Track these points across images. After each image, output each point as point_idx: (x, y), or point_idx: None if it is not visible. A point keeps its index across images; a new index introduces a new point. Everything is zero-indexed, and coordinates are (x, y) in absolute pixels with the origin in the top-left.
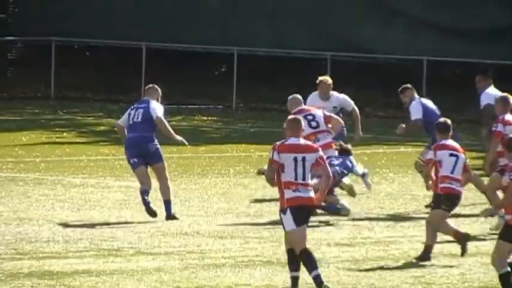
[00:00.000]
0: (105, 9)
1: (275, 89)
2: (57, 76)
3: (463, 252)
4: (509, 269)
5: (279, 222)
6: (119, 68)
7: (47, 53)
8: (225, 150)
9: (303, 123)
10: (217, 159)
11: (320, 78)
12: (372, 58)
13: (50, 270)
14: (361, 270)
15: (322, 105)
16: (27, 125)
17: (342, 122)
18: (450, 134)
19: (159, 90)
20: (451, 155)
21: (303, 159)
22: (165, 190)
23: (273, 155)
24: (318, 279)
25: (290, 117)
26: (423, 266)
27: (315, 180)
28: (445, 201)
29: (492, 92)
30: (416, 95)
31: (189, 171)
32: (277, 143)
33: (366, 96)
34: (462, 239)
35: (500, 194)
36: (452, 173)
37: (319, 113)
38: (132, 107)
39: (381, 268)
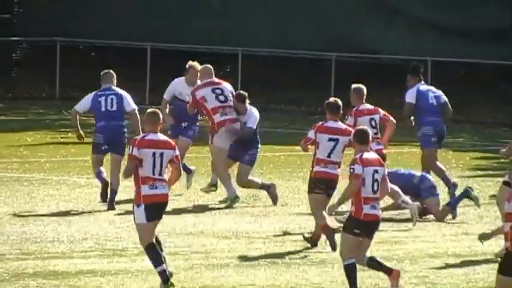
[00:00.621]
0: (109, 10)
1: (279, 90)
2: (62, 76)
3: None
4: None
5: (285, 222)
6: (123, 68)
7: (51, 53)
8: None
9: (212, 96)
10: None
11: (191, 63)
12: (376, 59)
13: (54, 270)
14: (365, 271)
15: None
16: (32, 125)
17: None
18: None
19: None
20: (330, 139)
21: (161, 155)
22: (116, 181)
23: (132, 151)
24: (163, 275)
25: (149, 110)
26: (427, 266)
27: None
28: (318, 185)
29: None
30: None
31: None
32: (137, 138)
33: (370, 96)
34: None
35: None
36: (329, 156)
37: (228, 87)
38: (98, 93)
39: None
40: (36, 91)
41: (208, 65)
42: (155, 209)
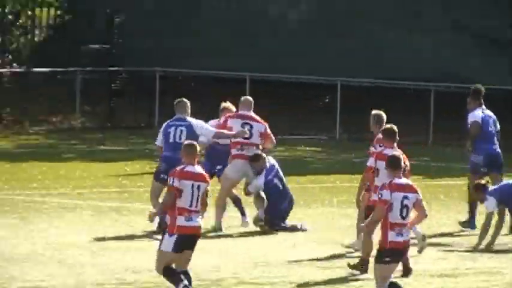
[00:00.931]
0: (209, 40)
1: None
2: (161, 106)
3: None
4: None
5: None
6: (223, 98)
7: (150, 83)
8: (329, 180)
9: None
10: (320, 189)
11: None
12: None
13: None
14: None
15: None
16: (131, 155)
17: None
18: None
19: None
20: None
21: (198, 187)
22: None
23: (173, 182)
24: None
25: (186, 142)
26: None
27: None
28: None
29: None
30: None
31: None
32: (177, 169)
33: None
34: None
35: None
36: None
37: (259, 127)
38: (170, 123)
39: None
40: (135, 121)
41: (249, 98)
42: (186, 241)
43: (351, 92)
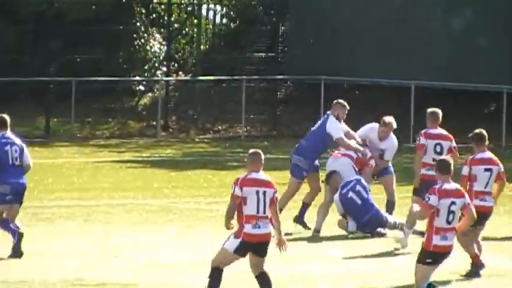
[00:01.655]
0: (373, 48)
1: None
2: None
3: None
4: None
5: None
6: (387, 107)
7: (316, 91)
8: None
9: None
10: None
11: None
12: None
13: None
14: None
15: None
16: None
17: None
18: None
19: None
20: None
21: (264, 193)
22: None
23: (234, 190)
24: None
25: (251, 151)
26: None
27: None
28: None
29: None
30: None
31: None
32: (240, 177)
33: None
34: None
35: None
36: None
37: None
38: None
39: None
40: (301, 129)
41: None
42: (252, 247)
43: None
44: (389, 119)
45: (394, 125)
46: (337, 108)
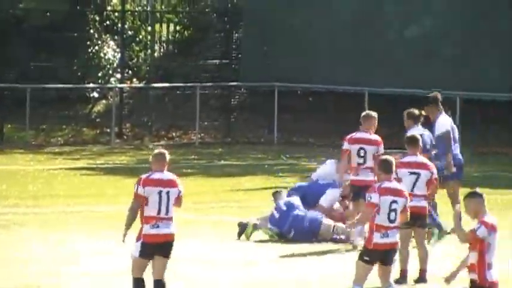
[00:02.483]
0: (327, 55)
1: None
2: (280, 121)
3: None
4: None
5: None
6: (341, 113)
7: (270, 98)
8: None
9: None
10: None
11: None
12: None
13: None
14: None
15: None
16: (251, 170)
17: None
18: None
19: None
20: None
21: (168, 193)
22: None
23: (137, 189)
24: None
25: (156, 151)
26: None
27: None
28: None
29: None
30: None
31: None
32: (143, 176)
33: None
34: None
35: None
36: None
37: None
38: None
39: None
40: (254, 136)
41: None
42: (154, 248)
43: None
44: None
45: None
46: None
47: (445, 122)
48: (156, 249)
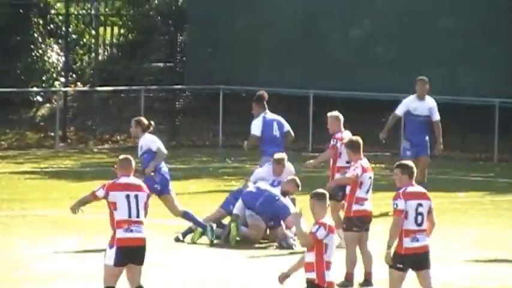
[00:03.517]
0: (272, 57)
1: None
2: (225, 124)
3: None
4: None
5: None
6: (287, 116)
7: (215, 101)
8: None
9: None
10: None
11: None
12: None
13: None
14: None
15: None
16: (196, 173)
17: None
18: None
19: None
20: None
21: (136, 197)
22: None
23: (98, 191)
24: None
25: (121, 156)
26: None
27: None
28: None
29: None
30: None
31: None
32: (109, 182)
33: None
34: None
35: None
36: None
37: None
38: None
39: None
40: (199, 139)
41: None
42: (128, 255)
43: None
44: (281, 155)
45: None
46: None
47: None
48: (130, 255)
